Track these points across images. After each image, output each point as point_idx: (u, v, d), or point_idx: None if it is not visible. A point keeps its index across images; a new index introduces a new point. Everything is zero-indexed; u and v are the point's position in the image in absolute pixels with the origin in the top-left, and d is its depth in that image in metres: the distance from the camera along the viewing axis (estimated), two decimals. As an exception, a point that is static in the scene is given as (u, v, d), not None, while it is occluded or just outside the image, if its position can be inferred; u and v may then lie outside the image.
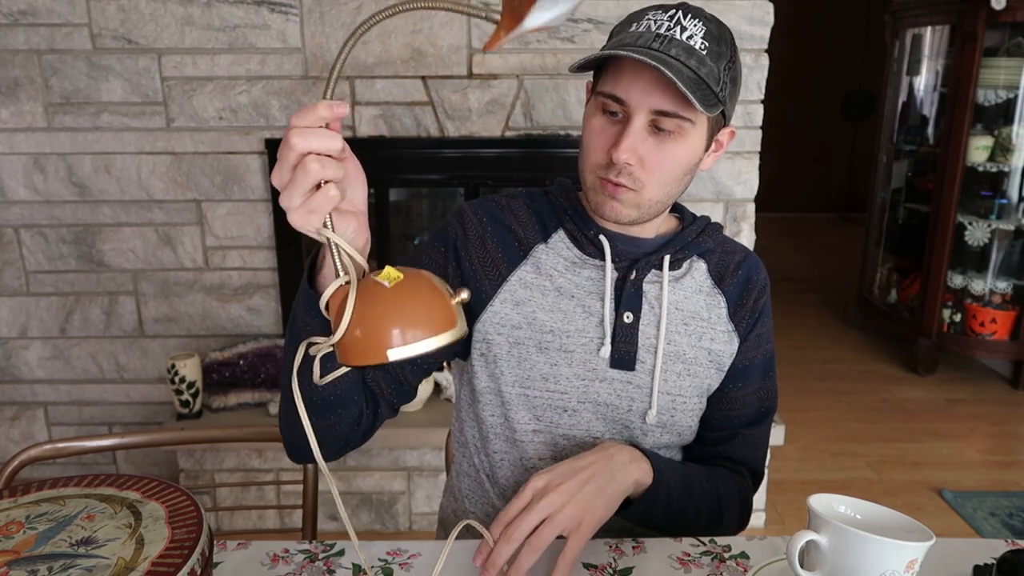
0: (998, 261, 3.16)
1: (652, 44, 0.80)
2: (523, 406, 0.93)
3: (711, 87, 0.81)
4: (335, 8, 2.01)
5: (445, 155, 2.12)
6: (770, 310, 1.00)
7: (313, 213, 0.60)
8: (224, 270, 2.21)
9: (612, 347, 0.91)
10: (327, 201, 0.60)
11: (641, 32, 0.82)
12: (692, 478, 0.92)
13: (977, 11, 2.90)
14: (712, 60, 0.81)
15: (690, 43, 0.81)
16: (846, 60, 6.10)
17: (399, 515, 2.18)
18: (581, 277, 0.93)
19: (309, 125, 0.58)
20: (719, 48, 0.82)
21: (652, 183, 0.86)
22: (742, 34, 2.03)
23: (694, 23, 0.82)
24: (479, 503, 1.01)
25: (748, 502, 1.00)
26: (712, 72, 0.81)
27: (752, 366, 0.98)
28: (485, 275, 0.94)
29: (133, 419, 2.33)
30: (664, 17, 0.83)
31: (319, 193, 0.59)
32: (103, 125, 2.09)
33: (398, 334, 0.59)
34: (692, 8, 0.84)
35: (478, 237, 0.95)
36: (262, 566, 0.82)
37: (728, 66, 0.83)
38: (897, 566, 0.64)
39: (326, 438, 0.85)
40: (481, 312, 0.94)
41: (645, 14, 0.85)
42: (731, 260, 0.98)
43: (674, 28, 0.81)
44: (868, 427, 2.83)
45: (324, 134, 0.58)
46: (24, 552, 0.60)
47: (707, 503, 0.93)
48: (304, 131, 0.58)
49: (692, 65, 0.80)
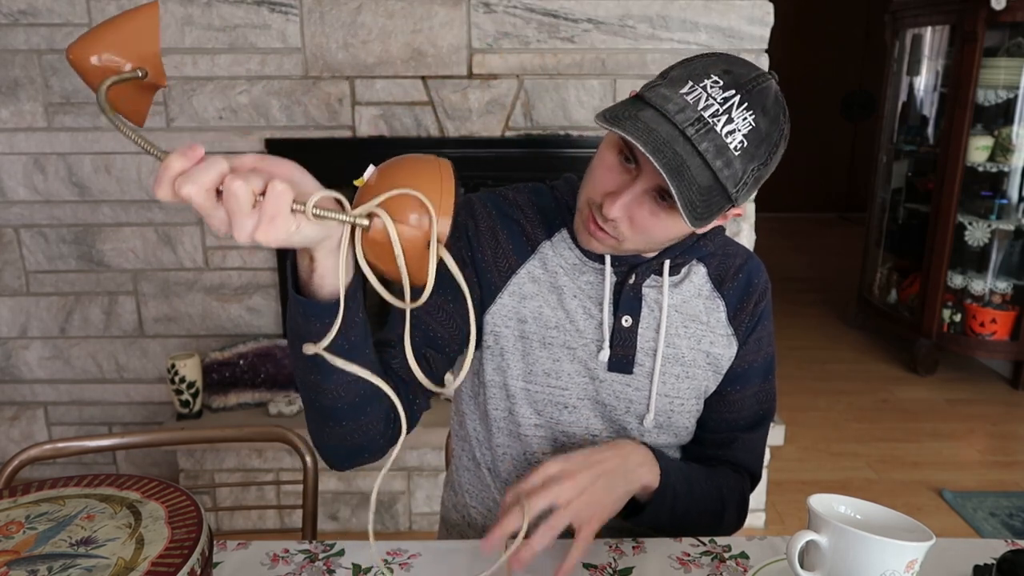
0: (998, 261, 3.16)
1: (687, 129, 0.74)
2: (525, 400, 0.94)
3: (726, 189, 0.77)
4: (335, 8, 2.01)
5: (445, 155, 2.11)
6: (771, 313, 0.99)
7: (276, 217, 0.54)
8: (224, 270, 2.21)
9: (610, 351, 0.92)
10: (278, 197, 0.54)
11: (688, 103, 0.75)
12: (695, 479, 0.92)
13: (977, 11, 2.90)
14: (742, 161, 0.76)
15: (727, 140, 0.75)
16: (846, 60, 6.10)
17: (399, 515, 2.18)
18: (581, 281, 0.93)
19: (182, 174, 0.52)
20: (757, 150, 0.77)
21: (635, 240, 0.85)
22: (742, 34, 2.03)
23: (744, 116, 0.75)
24: (480, 497, 1.02)
25: (746, 501, 1.00)
26: (735, 175, 0.76)
27: (751, 369, 0.97)
28: (496, 266, 0.94)
29: (133, 419, 2.33)
30: (719, 97, 0.75)
31: (266, 200, 0.53)
32: (103, 125, 2.09)
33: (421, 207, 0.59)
34: (755, 95, 0.76)
35: (489, 228, 0.95)
36: (262, 566, 0.82)
37: (759, 168, 0.78)
38: (897, 566, 0.64)
39: (363, 440, 0.81)
40: (491, 304, 0.94)
41: (707, 76, 0.76)
42: (731, 264, 0.97)
43: (720, 116, 0.75)
44: (868, 427, 2.83)
45: (206, 164, 0.53)
46: (24, 552, 0.60)
47: (709, 503, 0.93)
48: (189, 175, 0.52)
49: (716, 167, 0.75)
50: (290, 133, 2.09)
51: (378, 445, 0.83)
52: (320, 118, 2.08)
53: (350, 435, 0.80)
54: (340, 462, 0.84)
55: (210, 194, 0.53)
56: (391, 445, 0.85)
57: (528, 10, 2.02)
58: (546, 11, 2.02)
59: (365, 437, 0.81)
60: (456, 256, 0.90)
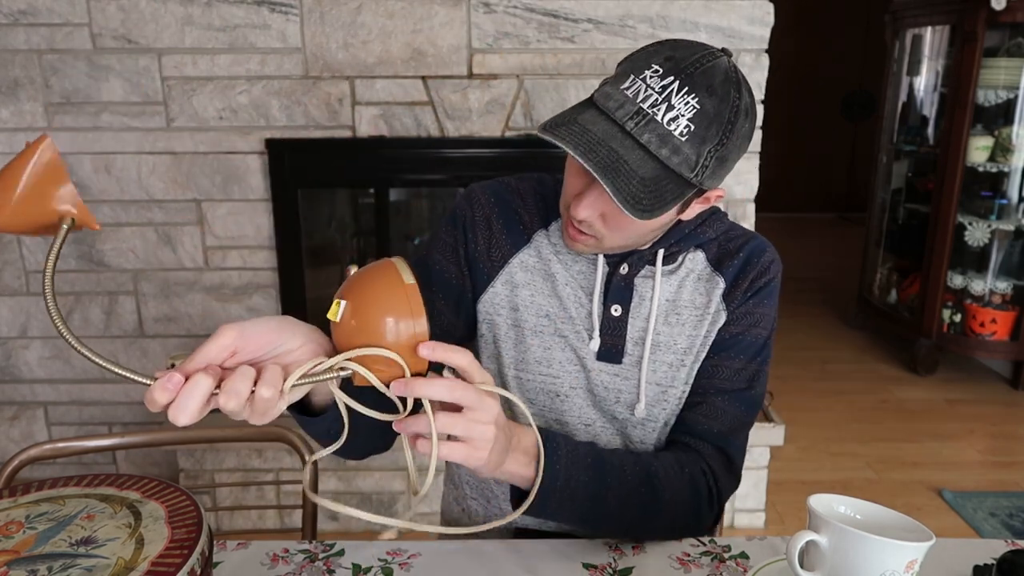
0: (998, 261, 3.16)
1: (627, 123, 0.75)
2: (518, 389, 0.95)
3: (681, 175, 0.77)
4: (335, 8, 2.01)
5: (445, 155, 2.12)
6: (773, 298, 0.94)
7: (266, 412, 0.59)
8: (224, 270, 2.21)
9: (600, 340, 0.92)
10: (265, 403, 0.58)
11: (628, 98, 0.76)
12: (609, 462, 0.83)
13: (977, 11, 2.90)
14: (692, 145, 0.75)
15: (670, 128, 0.74)
16: (846, 60, 6.09)
17: (399, 515, 2.18)
18: (574, 270, 0.94)
19: (172, 404, 0.56)
20: (707, 131, 0.76)
21: (613, 237, 0.85)
22: (742, 34, 2.03)
23: (686, 100, 0.75)
24: (479, 488, 1.03)
25: (711, 487, 0.89)
26: (687, 160, 0.76)
27: (734, 340, 0.92)
28: (488, 256, 0.96)
29: (133, 419, 2.33)
30: (658, 85, 0.75)
31: (255, 404, 0.58)
32: (103, 125, 2.09)
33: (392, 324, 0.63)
34: (697, 77, 0.75)
35: (484, 218, 0.97)
36: (262, 566, 0.82)
37: (715, 148, 0.77)
38: (897, 566, 0.64)
39: (372, 447, 0.88)
40: (483, 293, 0.96)
41: (647, 67, 0.77)
42: (732, 245, 0.94)
43: (660, 105, 0.75)
44: (868, 427, 2.83)
45: (189, 391, 0.56)
46: (24, 552, 0.60)
47: (635, 487, 0.83)
48: (179, 407, 0.56)
49: (663, 155, 0.75)
50: (290, 133, 2.09)
51: (388, 442, 0.89)
52: (320, 118, 2.08)
53: (361, 448, 0.88)
54: (354, 459, 0.92)
55: (204, 409, 0.57)
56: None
57: (528, 10, 2.02)
58: (546, 11, 2.02)
59: (374, 447, 0.88)
60: (449, 246, 0.96)
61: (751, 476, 2.19)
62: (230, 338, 0.59)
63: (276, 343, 0.62)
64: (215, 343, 0.59)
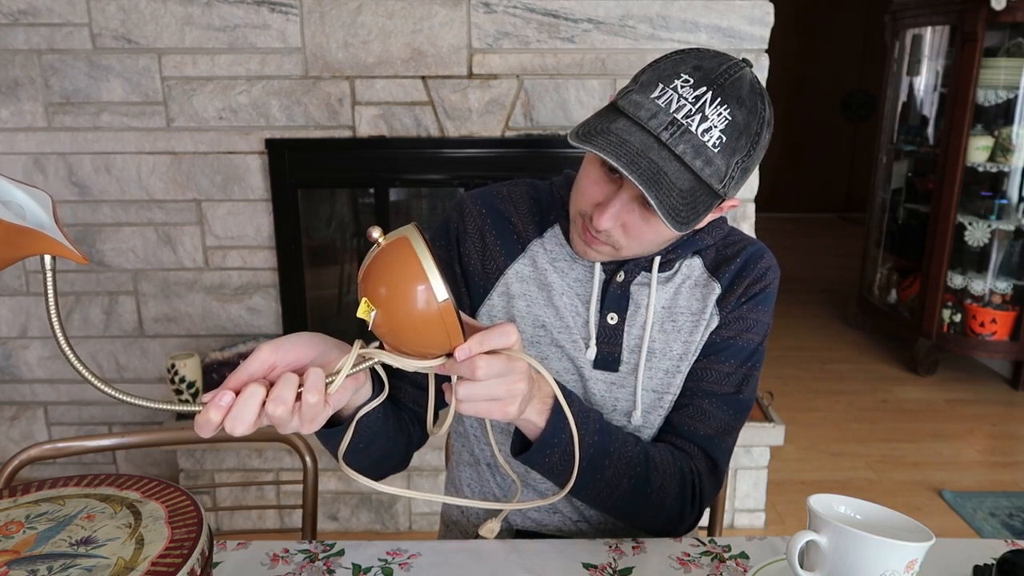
0: (998, 261, 3.16)
1: (662, 134, 0.74)
2: None
3: (711, 187, 0.77)
4: (335, 8, 2.01)
5: (445, 155, 2.12)
6: (769, 305, 0.93)
7: (315, 418, 0.62)
8: (224, 270, 2.21)
9: (596, 348, 0.92)
10: (312, 408, 0.61)
11: (660, 107, 0.74)
12: (614, 433, 0.85)
13: (977, 11, 2.90)
14: (724, 157, 0.75)
15: (703, 139, 0.74)
16: (846, 60, 6.10)
17: (399, 515, 2.18)
18: (570, 278, 0.94)
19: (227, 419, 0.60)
20: (737, 142, 0.76)
21: (631, 246, 0.85)
22: (742, 34, 2.03)
23: (719, 112, 0.74)
24: (480, 492, 1.03)
25: (696, 486, 0.90)
26: (718, 171, 0.76)
27: (725, 344, 0.92)
28: (483, 268, 0.95)
29: (133, 419, 2.33)
30: (690, 96, 0.74)
31: (303, 411, 0.61)
32: (103, 125, 2.09)
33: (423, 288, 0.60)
34: (728, 88, 0.75)
35: (477, 229, 0.96)
36: (262, 566, 0.82)
37: (743, 159, 0.77)
38: (897, 566, 0.64)
39: (389, 464, 0.89)
40: (480, 306, 0.96)
41: (676, 76, 0.75)
42: (730, 250, 0.94)
43: (694, 116, 0.74)
44: (868, 427, 2.83)
45: (240, 406, 0.59)
46: (24, 552, 0.60)
47: (631, 463, 0.85)
48: (235, 419, 0.59)
49: (696, 167, 0.75)
50: (290, 133, 2.09)
51: (401, 460, 0.91)
52: (320, 118, 2.08)
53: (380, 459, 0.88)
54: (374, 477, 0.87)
55: (258, 422, 0.60)
56: (419, 446, 0.94)
57: (528, 10, 2.02)
58: (546, 11, 2.02)
59: (390, 464, 0.90)
60: (443, 261, 0.96)
61: (751, 476, 2.19)
62: (268, 353, 0.62)
63: (311, 355, 0.65)
64: (255, 359, 0.61)
